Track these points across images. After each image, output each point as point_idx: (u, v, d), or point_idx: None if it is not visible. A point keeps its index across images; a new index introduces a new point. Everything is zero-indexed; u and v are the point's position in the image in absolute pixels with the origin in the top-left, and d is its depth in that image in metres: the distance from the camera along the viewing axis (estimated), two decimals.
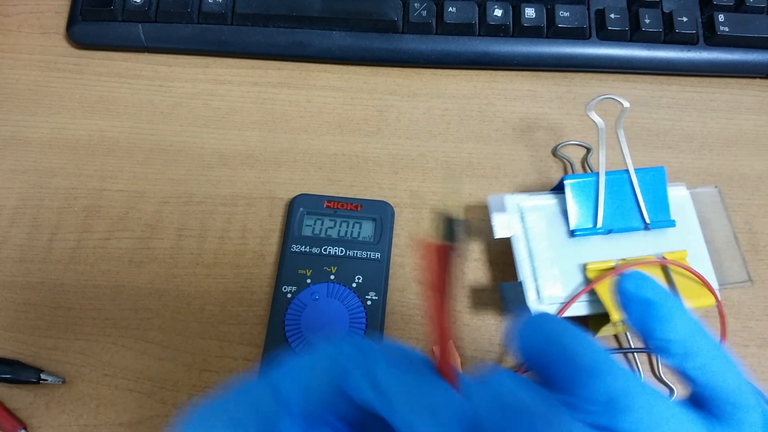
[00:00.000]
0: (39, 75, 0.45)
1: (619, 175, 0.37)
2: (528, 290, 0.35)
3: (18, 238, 0.40)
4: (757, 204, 0.41)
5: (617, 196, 0.36)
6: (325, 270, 0.37)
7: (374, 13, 0.44)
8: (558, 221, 0.37)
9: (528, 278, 0.35)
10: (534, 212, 0.37)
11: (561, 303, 0.35)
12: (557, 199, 0.37)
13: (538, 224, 0.37)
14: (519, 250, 0.36)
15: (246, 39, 0.44)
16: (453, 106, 0.44)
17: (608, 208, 0.36)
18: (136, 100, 0.44)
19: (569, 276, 0.35)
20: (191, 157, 0.42)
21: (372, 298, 0.37)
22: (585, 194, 0.36)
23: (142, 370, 0.36)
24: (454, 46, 0.44)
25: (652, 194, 0.36)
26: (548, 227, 0.36)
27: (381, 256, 0.38)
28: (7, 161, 0.42)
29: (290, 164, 0.42)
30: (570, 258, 0.36)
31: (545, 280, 0.35)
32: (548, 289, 0.35)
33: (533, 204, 0.37)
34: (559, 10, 0.44)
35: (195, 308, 0.38)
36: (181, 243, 0.40)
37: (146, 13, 0.44)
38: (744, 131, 0.44)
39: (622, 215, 0.36)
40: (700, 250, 0.36)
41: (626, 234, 0.36)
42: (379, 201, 0.40)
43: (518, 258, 0.36)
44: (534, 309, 0.34)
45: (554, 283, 0.35)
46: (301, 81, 0.45)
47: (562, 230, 0.36)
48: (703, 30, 0.44)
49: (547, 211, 0.37)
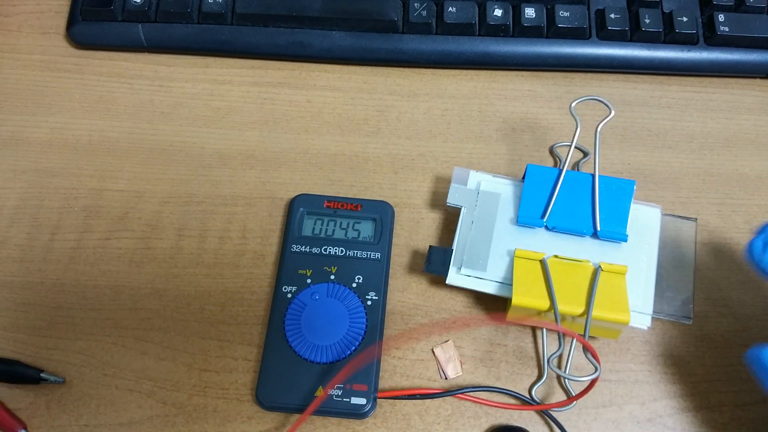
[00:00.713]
0: (39, 75, 0.45)
1: (584, 178, 0.37)
2: (453, 259, 0.36)
3: (18, 238, 0.40)
4: (757, 204, 0.41)
5: (575, 197, 0.37)
6: (325, 270, 0.37)
7: (374, 13, 0.44)
8: (509, 207, 0.37)
9: (459, 249, 0.36)
10: (490, 192, 0.38)
11: (477, 278, 0.36)
12: (517, 186, 0.38)
13: (489, 204, 0.37)
14: (462, 222, 0.37)
15: (246, 39, 0.44)
16: (453, 106, 0.44)
17: (561, 206, 0.36)
18: (136, 100, 0.44)
19: (498, 258, 0.36)
20: (191, 157, 0.42)
21: (372, 298, 0.37)
22: (542, 185, 0.37)
23: (142, 370, 0.36)
24: (454, 46, 0.44)
25: (612, 204, 0.36)
26: (498, 210, 0.37)
27: (381, 255, 0.38)
28: (7, 161, 0.42)
29: (290, 164, 0.42)
30: (507, 243, 0.36)
31: (473, 256, 0.36)
32: (472, 263, 0.36)
33: (492, 185, 0.38)
34: (559, 10, 0.44)
35: (195, 308, 0.38)
36: (181, 243, 0.40)
37: (146, 13, 0.44)
38: (744, 131, 0.44)
39: (573, 216, 0.36)
40: (646, 273, 0.35)
41: (572, 236, 0.36)
42: (379, 201, 0.40)
43: (459, 228, 0.37)
44: (451, 277, 0.36)
45: (480, 261, 0.36)
46: (301, 81, 0.45)
47: (509, 216, 0.37)
48: (703, 30, 0.44)
49: (504, 195, 0.38)
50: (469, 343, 0.37)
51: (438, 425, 0.35)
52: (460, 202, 0.38)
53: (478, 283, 0.36)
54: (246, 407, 0.35)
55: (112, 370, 0.36)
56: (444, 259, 0.36)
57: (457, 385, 0.36)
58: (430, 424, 0.35)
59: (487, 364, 0.36)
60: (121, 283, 0.39)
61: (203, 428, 0.35)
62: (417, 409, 0.35)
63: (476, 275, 0.36)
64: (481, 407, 0.35)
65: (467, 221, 0.37)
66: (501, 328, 0.37)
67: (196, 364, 0.37)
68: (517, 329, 0.37)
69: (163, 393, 0.36)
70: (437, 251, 0.36)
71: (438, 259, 0.36)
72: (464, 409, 0.35)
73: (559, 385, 0.36)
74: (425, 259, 0.36)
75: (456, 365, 0.36)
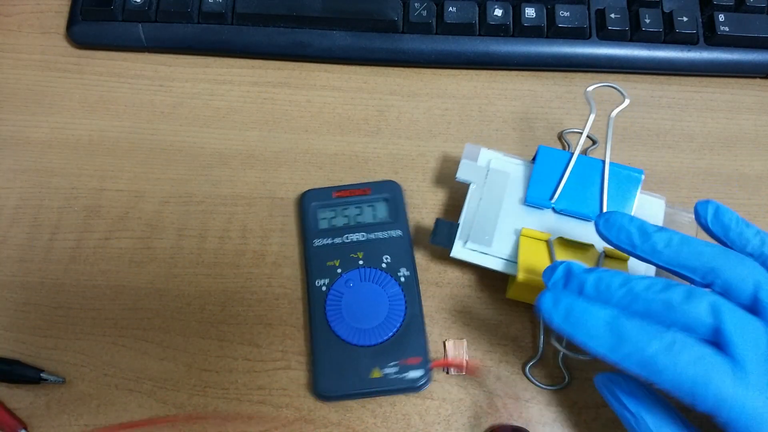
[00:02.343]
0: (39, 75, 0.45)
1: (595, 163, 0.37)
2: (459, 233, 0.36)
3: (18, 238, 0.40)
4: (757, 204, 0.41)
5: (585, 181, 0.37)
6: (352, 257, 0.38)
7: (374, 12, 0.44)
8: (518, 186, 0.38)
9: (465, 224, 0.36)
10: (500, 170, 0.38)
11: (483, 253, 0.36)
12: (527, 167, 0.38)
13: (499, 183, 0.38)
14: (471, 198, 0.37)
15: (246, 39, 0.44)
16: (453, 105, 0.44)
17: (570, 189, 0.37)
18: (137, 99, 0.44)
19: (504, 235, 0.36)
20: (191, 156, 0.42)
21: (404, 274, 0.37)
22: (553, 168, 0.37)
23: (142, 370, 0.36)
24: (454, 46, 0.44)
25: (620, 192, 0.36)
26: (507, 189, 0.37)
27: (402, 232, 0.38)
28: (7, 161, 0.42)
29: (290, 164, 0.42)
30: (513, 222, 0.37)
31: (479, 232, 0.36)
32: (478, 239, 0.36)
33: (503, 164, 0.38)
34: (560, 10, 0.44)
35: (195, 308, 0.38)
36: (181, 243, 0.40)
37: (146, 13, 0.44)
38: (744, 131, 0.44)
39: (580, 200, 0.36)
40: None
41: (577, 220, 0.37)
42: (386, 181, 0.40)
43: (467, 203, 0.37)
44: (456, 250, 0.36)
45: (486, 237, 0.36)
46: (302, 81, 0.45)
47: (518, 195, 0.37)
48: (704, 30, 0.44)
49: (513, 175, 0.38)
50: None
51: (438, 425, 0.35)
52: (469, 178, 0.38)
53: (483, 258, 0.36)
54: (246, 407, 0.35)
55: (112, 370, 0.36)
56: (450, 232, 0.36)
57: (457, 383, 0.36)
58: (430, 424, 0.35)
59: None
60: (121, 283, 0.39)
61: (203, 428, 0.35)
62: (417, 409, 0.35)
63: (481, 250, 0.36)
64: (481, 407, 0.35)
65: (475, 198, 0.37)
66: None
67: (196, 364, 0.37)
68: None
69: (163, 393, 0.36)
70: (443, 224, 0.36)
71: (444, 231, 0.36)
72: (464, 409, 0.35)
73: (555, 365, 0.36)
74: (432, 231, 0.36)
75: (461, 364, 0.36)
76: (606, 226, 0.30)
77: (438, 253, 0.39)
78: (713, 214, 0.30)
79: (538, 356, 0.36)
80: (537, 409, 0.35)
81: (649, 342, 0.26)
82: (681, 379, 0.25)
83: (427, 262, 0.39)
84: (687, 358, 0.25)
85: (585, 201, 0.36)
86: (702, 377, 0.25)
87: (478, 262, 0.36)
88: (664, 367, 0.25)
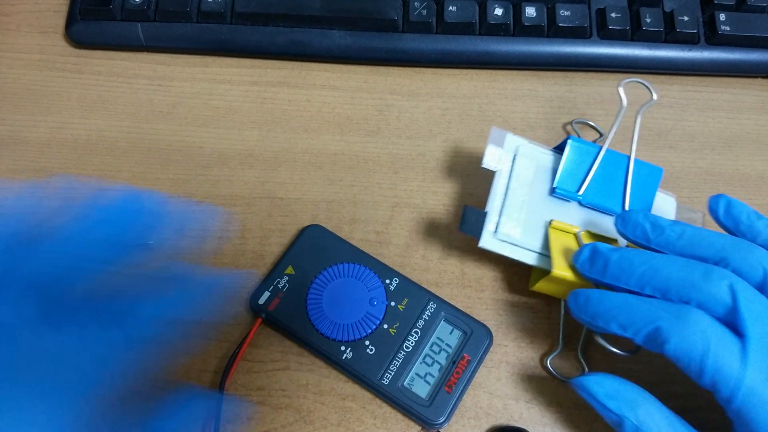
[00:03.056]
0: (38, 74, 0.45)
1: (620, 158, 0.37)
2: (489, 221, 0.36)
3: None
4: (758, 204, 0.41)
5: (609, 175, 0.37)
6: None
7: (374, 12, 0.44)
8: (545, 176, 0.37)
9: (494, 211, 0.36)
10: (527, 158, 0.37)
11: (513, 244, 0.35)
12: (553, 156, 0.38)
13: (526, 171, 0.37)
14: (497, 185, 0.37)
15: (245, 38, 0.44)
16: (453, 105, 0.44)
17: (596, 182, 0.36)
18: (135, 99, 0.44)
19: (532, 226, 0.36)
20: (190, 156, 0.42)
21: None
22: (581, 160, 0.37)
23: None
24: (454, 46, 0.44)
25: (641, 188, 0.37)
26: (533, 177, 0.37)
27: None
28: (5, 161, 0.42)
29: (290, 164, 0.42)
30: (540, 211, 0.36)
31: (508, 219, 0.36)
32: (507, 227, 0.35)
33: (530, 151, 0.38)
34: (560, 9, 0.43)
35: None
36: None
37: (145, 13, 0.44)
38: (745, 131, 0.44)
39: (605, 194, 0.36)
40: None
41: (599, 213, 0.37)
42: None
43: (493, 191, 0.36)
44: (485, 240, 0.35)
45: (515, 225, 0.36)
46: (301, 80, 0.45)
47: (545, 185, 0.37)
48: (705, 29, 0.44)
49: (539, 163, 0.37)
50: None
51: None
52: (496, 165, 0.37)
53: (513, 250, 0.35)
54: (245, 407, 0.35)
55: None
56: (478, 220, 0.35)
57: None
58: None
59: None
60: None
61: None
62: None
63: (511, 241, 0.35)
64: (481, 408, 0.35)
65: (501, 185, 0.37)
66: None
67: (196, 364, 0.36)
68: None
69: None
70: (472, 212, 0.35)
71: (472, 219, 0.35)
72: (464, 409, 0.35)
73: (574, 359, 0.36)
74: (461, 219, 0.35)
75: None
76: (623, 224, 0.32)
77: (438, 253, 0.39)
78: (725, 208, 0.31)
79: (558, 350, 0.36)
80: (537, 409, 0.35)
81: (662, 310, 0.28)
82: (690, 347, 0.27)
83: (427, 262, 0.39)
84: (696, 328, 0.27)
85: (609, 195, 0.36)
86: (712, 349, 0.26)
87: (508, 254, 0.35)
88: (674, 333, 0.27)
